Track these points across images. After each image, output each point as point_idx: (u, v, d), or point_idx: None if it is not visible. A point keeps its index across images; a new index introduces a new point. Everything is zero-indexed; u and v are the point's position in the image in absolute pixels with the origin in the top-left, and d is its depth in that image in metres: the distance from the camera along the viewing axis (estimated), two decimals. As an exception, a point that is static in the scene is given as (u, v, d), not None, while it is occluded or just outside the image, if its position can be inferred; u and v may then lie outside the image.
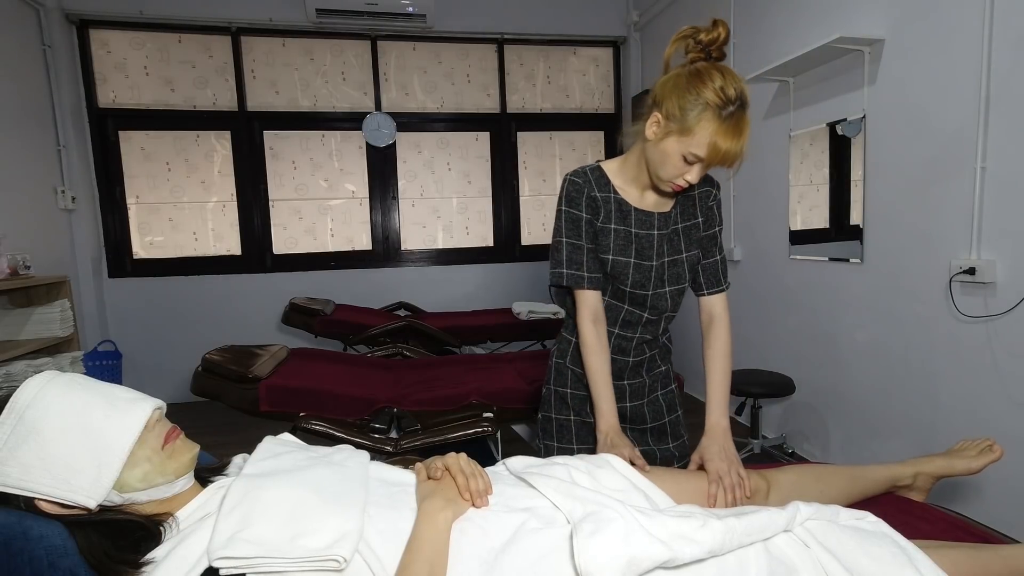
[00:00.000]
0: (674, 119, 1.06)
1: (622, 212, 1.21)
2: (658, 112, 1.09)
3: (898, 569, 0.82)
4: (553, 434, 1.34)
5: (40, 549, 0.73)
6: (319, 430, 1.92)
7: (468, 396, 2.13)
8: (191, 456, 0.86)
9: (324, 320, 3.30)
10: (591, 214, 1.20)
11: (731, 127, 1.03)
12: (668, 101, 1.07)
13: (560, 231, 1.22)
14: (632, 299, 1.24)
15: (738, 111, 1.03)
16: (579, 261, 1.21)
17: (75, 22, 3.63)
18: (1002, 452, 1.22)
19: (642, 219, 1.22)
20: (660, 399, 1.35)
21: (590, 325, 1.21)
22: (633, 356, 1.29)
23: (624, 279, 1.21)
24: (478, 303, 4.33)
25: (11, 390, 0.79)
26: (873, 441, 2.39)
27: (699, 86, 1.03)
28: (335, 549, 0.74)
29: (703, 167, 1.09)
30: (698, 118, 1.03)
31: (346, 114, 4.10)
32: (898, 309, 2.23)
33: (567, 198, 1.21)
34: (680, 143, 1.06)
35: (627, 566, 0.76)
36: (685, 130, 1.05)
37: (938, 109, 2.01)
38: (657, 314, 1.27)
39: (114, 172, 3.82)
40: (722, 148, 1.03)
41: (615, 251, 1.21)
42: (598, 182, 1.21)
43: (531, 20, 4.24)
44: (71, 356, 2.84)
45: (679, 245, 1.24)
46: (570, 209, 1.20)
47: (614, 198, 1.21)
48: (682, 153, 1.07)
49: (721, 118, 1.02)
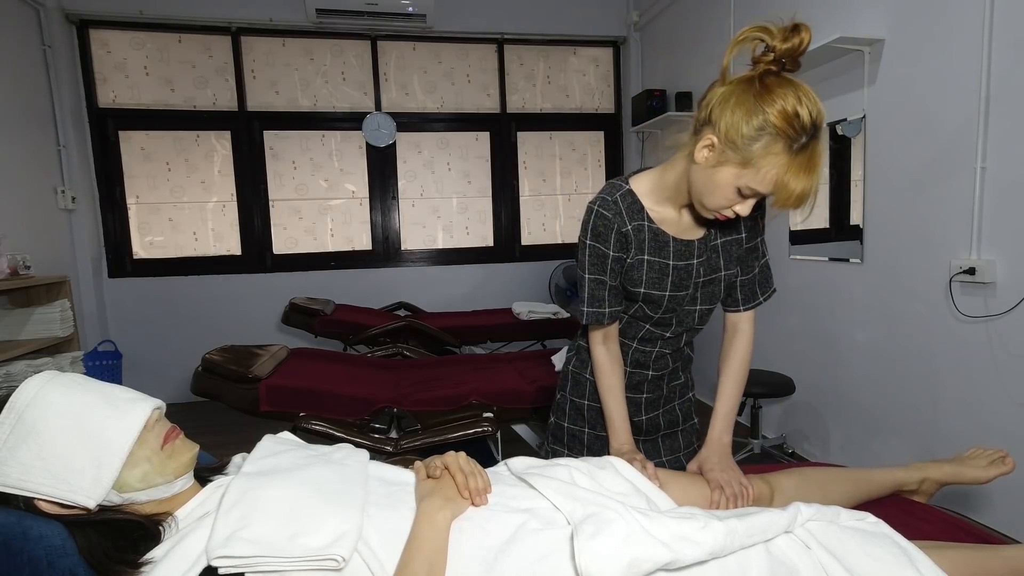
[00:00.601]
0: (733, 146, 0.88)
1: (658, 243, 1.08)
2: (712, 135, 0.91)
3: (899, 570, 0.82)
4: (564, 442, 1.31)
5: (39, 549, 0.73)
6: (319, 430, 1.92)
7: (468, 396, 2.13)
8: (191, 456, 0.86)
9: (324, 320, 3.30)
10: (620, 251, 1.08)
11: (804, 162, 0.86)
12: (727, 123, 0.88)
13: (584, 266, 1.11)
14: (658, 321, 1.17)
15: (811, 142, 0.86)
16: (600, 298, 1.11)
17: (75, 22, 3.63)
18: (1014, 465, 1.16)
19: (680, 250, 1.09)
20: (676, 408, 1.32)
21: (601, 347, 1.17)
22: (653, 370, 1.24)
23: (657, 308, 1.14)
24: (478, 303, 4.33)
25: (11, 390, 0.79)
26: (873, 441, 2.39)
27: (769, 107, 0.85)
28: (334, 548, 0.74)
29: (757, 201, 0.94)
30: (765, 150, 0.86)
31: (346, 114, 4.10)
32: (898, 309, 2.23)
33: (593, 232, 1.07)
34: (738, 175, 0.90)
35: (628, 567, 0.76)
36: (746, 162, 0.88)
37: (938, 109, 2.01)
38: (680, 331, 1.20)
39: (114, 172, 3.82)
40: (792, 189, 0.86)
41: (647, 284, 1.10)
42: (629, 210, 1.07)
43: (531, 20, 4.24)
44: (71, 356, 2.83)
45: (717, 263, 1.13)
46: (596, 244, 1.08)
47: (648, 227, 1.07)
48: (738, 186, 0.91)
49: (792, 152, 0.85)
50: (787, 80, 0.88)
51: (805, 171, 0.86)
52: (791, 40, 0.87)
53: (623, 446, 1.15)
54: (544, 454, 1.38)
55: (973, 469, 1.19)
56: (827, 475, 1.20)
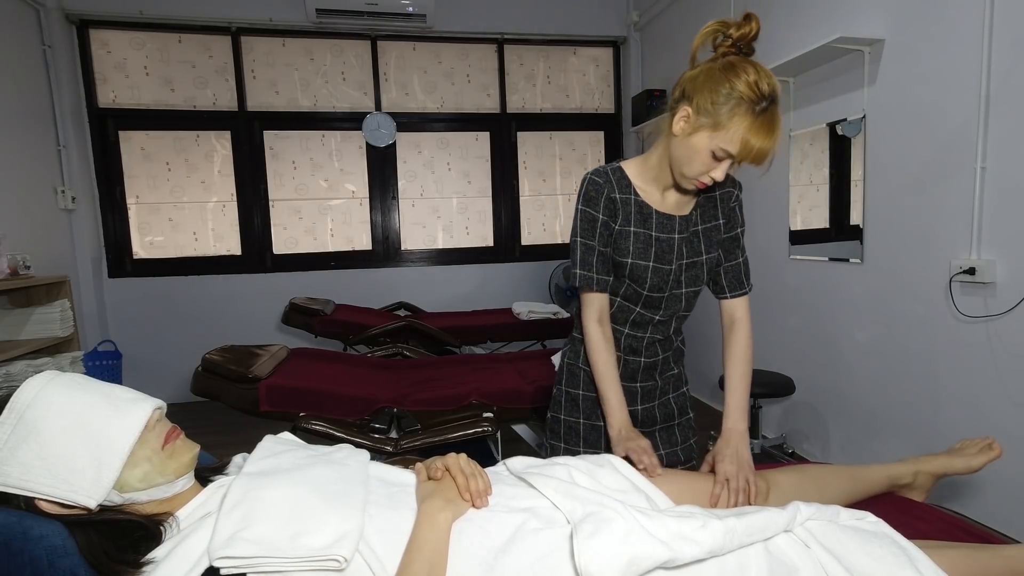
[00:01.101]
0: (705, 113, 1.02)
1: (642, 215, 1.19)
2: (688, 106, 1.05)
3: (898, 569, 0.82)
4: (561, 435, 1.33)
5: (40, 549, 0.73)
6: (319, 430, 1.92)
7: (468, 396, 2.13)
8: (191, 456, 0.86)
9: (324, 320, 3.30)
10: (608, 216, 1.18)
11: (764, 123, 1.00)
12: (699, 95, 1.03)
13: (576, 230, 1.20)
14: (647, 302, 1.23)
15: (771, 107, 1.01)
16: (589, 263, 1.19)
17: (75, 22, 3.63)
18: (1001, 451, 1.22)
19: (663, 222, 1.19)
20: (671, 402, 1.34)
21: (596, 325, 1.20)
22: (645, 356, 1.28)
23: (643, 282, 1.20)
24: (478, 303, 4.33)
25: (11, 390, 0.79)
26: (873, 441, 2.39)
27: (733, 79, 1.00)
28: (335, 549, 0.74)
29: (730, 165, 1.07)
30: (731, 113, 1.00)
31: (346, 114, 4.10)
32: (898, 309, 2.23)
33: (585, 197, 1.18)
34: (711, 138, 1.03)
35: (627, 566, 0.76)
36: (717, 124, 1.02)
37: (938, 109, 2.01)
38: (669, 315, 1.25)
39: (114, 172, 3.82)
40: (755, 145, 1.01)
41: (634, 254, 1.18)
42: (619, 183, 1.18)
43: (531, 20, 4.24)
44: (71, 356, 2.83)
45: (698, 247, 1.22)
46: (587, 208, 1.18)
47: (634, 200, 1.19)
48: (712, 149, 1.04)
49: (755, 114, 1.00)
50: (746, 59, 1.04)
51: (766, 131, 1.01)
52: (743, 28, 1.03)
53: (622, 427, 1.16)
54: (544, 452, 1.38)
55: (963, 459, 1.22)
56: (823, 471, 1.20)
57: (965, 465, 1.21)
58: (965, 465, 1.21)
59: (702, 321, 3.62)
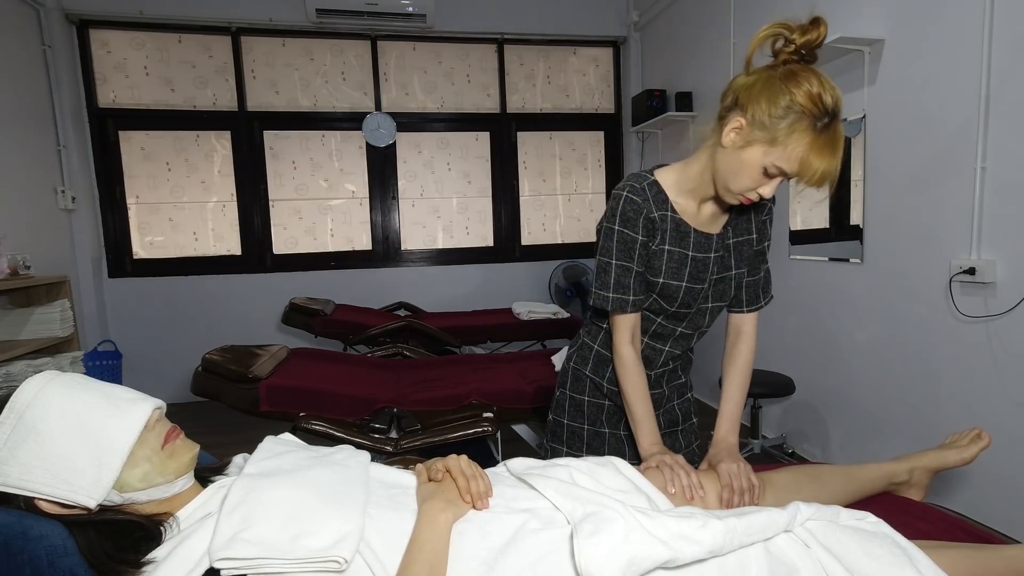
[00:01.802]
0: (761, 126, 0.94)
1: (679, 233, 1.12)
2: (741, 117, 0.97)
3: (898, 569, 0.82)
4: (563, 439, 1.31)
5: (40, 549, 0.73)
6: (319, 430, 1.92)
7: (468, 396, 2.13)
8: (191, 456, 0.86)
9: (324, 320, 3.30)
10: (647, 236, 1.10)
11: (827, 142, 0.92)
12: (755, 105, 0.94)
13: (610, 251, 1.12)
14: (673, 316, 1.19)
15: (833, 123, 0.93)
16: (626, 285, 1.12)
17: (75, 22, 3.63)
18: (990, 439, 1.21)
19: (700, 242, 1.13)
20: (676, 408, 1.33)
21: (629, 348, 1.15)
22: (658, 368, 1.25)
23: (672, 301, 1.15)
24: (478, 303, 4.33)
25: (11, 390, 0.79)
26: (873, 441, 2.39)
27: (794, 90, 0.92)
28: (336, 550, 0.74)
29: (780, 182, 1.00)
30: (790, 128, 0.92)
31: (346, 114, 4.10)
32: (898, 309, 2.23)
33: (623, 217, 1.09)
34: (766, 154, 0.96)
35: (627, 566, 0.76)
36: (774, 140, 0.94)
37: (938, 109, 2.01)
38: (692, 329, 1.22)
39: (114, 172, 3.82)
40: (816, 167, 0.93)
41: (667, 274, 1.12)
42: (656, 199, 1.11)
43: (531, 20, 4.24)
44: (71, 356, 2.83)
45: (729, 262, 1.18)
46: (624, 230, 1.10)
47: (671, 217, 1.11)
48: (765, 165, 0.97)
49: (816, 130, 0.92)
50: (808, 68, 0.95)
51: (828, 150, 0.92)
52: (809, 33, 0.94)
53: (653, 447, 1.14)
54: (543, 452, 1.38)
55: (956, 451, 1.22)
56: (819, 470, 1.21)
57: (958, 457, 1.21)
58: (958, 457, 1.21)
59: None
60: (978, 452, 1.20)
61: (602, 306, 1.15)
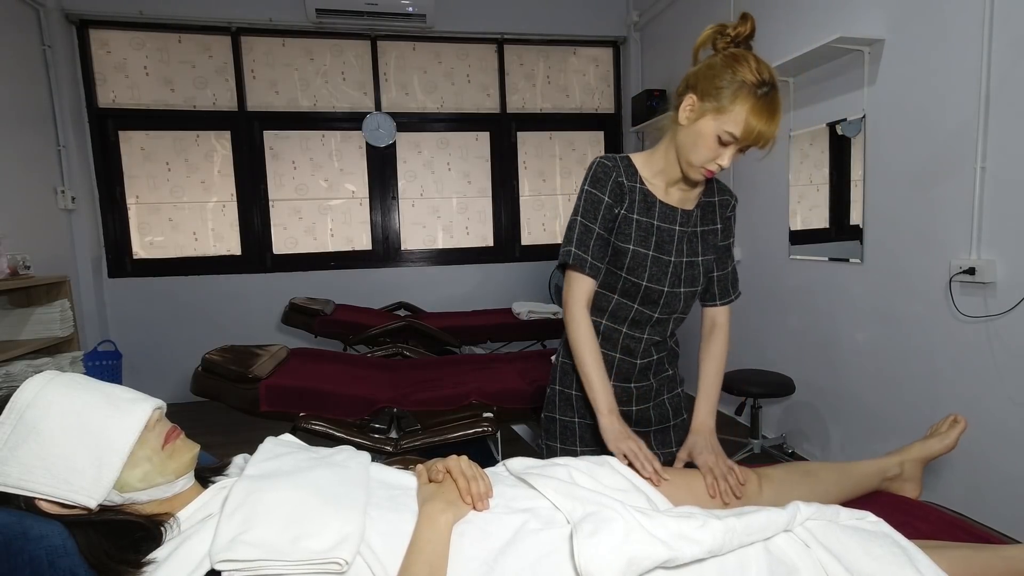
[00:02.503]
0: (710, 98, 1.07)
1: (647, 203, 1.21)
2: (693, 94, 1.10)
3: (898, 569, 0.82)
4: (557, 435, 1.33)
5: (40, 549, 0.73)
6: (319, 430, 1.92)
7: (468, 396, 2.13)
8: (191, 456, 0.86)
9: (324, 320, 3.30)
10: (614, 199, 1.19)
11: (765, 106, 1.05)
12: (703, 82, 1.08)
13: (578, 210, 1.21)
14: (645, 297, 1.23)
15: (772, 92, 1.06)
16: (587, 244, 1.19)
17: (75, 22, 3.63)
18: (966, 422, 1.27)
19: (665, 213, 1.22)
20: (666, 403, 1.35)
21: (582, 308, 1.22)
22: (641, 358, 1.29)
23: (641, 272, 1.21)
24: (478, 303, 4.33)
25: (11, 390, 0.79)
26: (873, 441, 2.39)
27: (735, 66, 1.06)
28: (337, 551, 0.74)
29: (736, 150, 1.10)
30: (734, 96, 1.05)
31: (346, 114, 4.10)
32: (898, 309, 2.23)
33: (593, 178, 1.19)
34: (716, 121, 1.07)
35: (627, 566, 0.76)
36: (721, 108, 1.06)
37: (938, 109, 2.01)
38: (668, 313, 1.27)
39: (114, 172, 3.82)
40: (756, 128, 1.05)
41: (636, 241, 1.20)
42: (627, 170, 1.21)
43: (531, 20, 4.24)
44: (71, 356, 2.84)
45: (696, 247, 1.26)
46: (593, 190, 1.19)
47: (640, 188, 1.21)
48: (717, 133, 1.08)
49: (756, 96, 1.04)
50: (745, 51, 1.09)
51: (767, 114, 1.05)
52: (739, 27, 1.11)
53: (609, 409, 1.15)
54: (539, 450, 1.38)
55: (938, 439, 1.27)
56: (814, 466, 1.23)
57: (941, 444, 1.26)
58: (941, 444, 1.26)
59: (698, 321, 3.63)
60: (958, 436, 1.26)
61: (563, 260, 1.22)
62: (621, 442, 1.10)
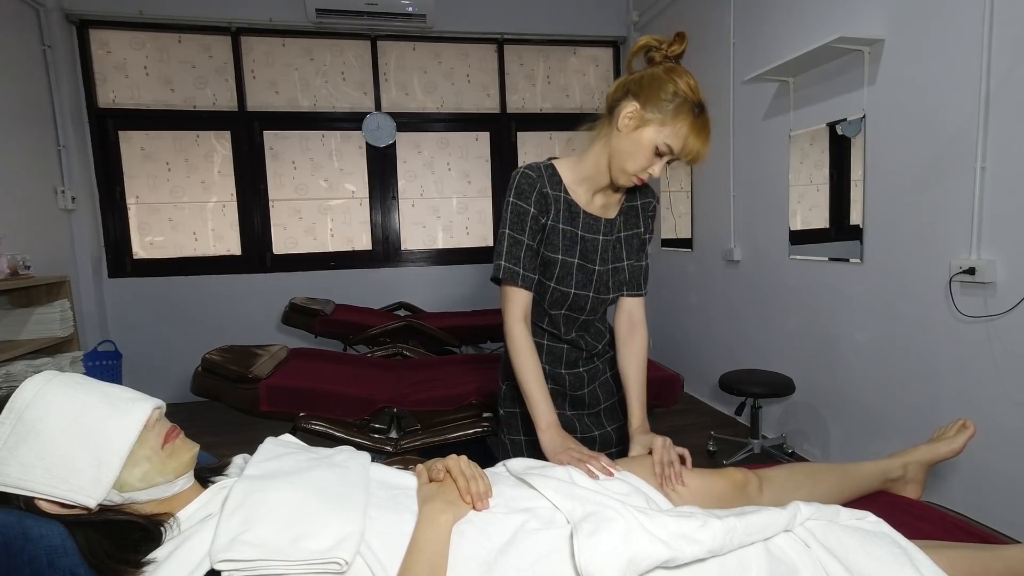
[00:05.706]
0: (653, 108, 1.08)
1: (571, 213, 1.22)
2: (635, 102, 1.10)
3: (898, 569, 0.82)
4: (519, 428, 1.34)
5: (40, 549, 0.73)
6: (319, 430, 1.92)
7: (468, 396, 2.13)
8: (191, 455, 0.86)
9: (324, 320, 3.30)
10: (539, 210, 1.18)
11: (701, 127, 1.09)
12: (646, 92, 1.09)
13: (505, 222, 1.19)
14: (573, 304, 1.25)
15: (703, 114, 1.10)
16: (517, 256, 1.18)
17: (75, 22, 3.63)
18: (975, 428, 1.26)
19: (589, 223, 1.23)
20: (610, 380, 1.39)
21: (520, 324, 1.19)
22: (586, 347, 1.33)
23: (568, 281, 1.23)
24: (478, 303, 4.33)
25: (11, 390, 0.79)
26: (873, 441, 2.39)
27: (677, 81, 1.08)
28: (337, 552, 0.74)
29: (667, 163, 1.13)
30: (677, 111, 1.07)
31: (346, 114, 4.10)
32: (898, 309, 2.23)
33: (517, 189, 1.18)
34: (659, 133, 1.09)
35: (627, 565, 0.76)
36: (664, 121, 1.08)
37: (938, 109, 2.01)
38: (594, 315, 1.31)
39: (114, 172, 3.82)
40: (693, 147, 1.09)
41: (563, 251, 1.21)
42: (551, 179, 1.21)
43: (531, 20, 4.24)
44: (71, 356, 2.84)
45: (621, 253, 1.28)
46: (518, 201, 1.18)
47: (564, 198, 1.21)
48: (657, 143, 1.09)
49: (695, 115, 1.08)
50: (681, 67, 1.12)
51: (703, 134, 1.10)
52: (674, 46, 1.13)
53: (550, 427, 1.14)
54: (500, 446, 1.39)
55: (945, 443, 1.25)
56: (815, 467, 1.22)
57: (948, 448, 1.24)
58: (948, 448, 1.24)
59: (702, 320, 3.63)
60: (966, 441, 1.24)
61: (495, 275, 1.20)
62: (561, 454, 1.08)
